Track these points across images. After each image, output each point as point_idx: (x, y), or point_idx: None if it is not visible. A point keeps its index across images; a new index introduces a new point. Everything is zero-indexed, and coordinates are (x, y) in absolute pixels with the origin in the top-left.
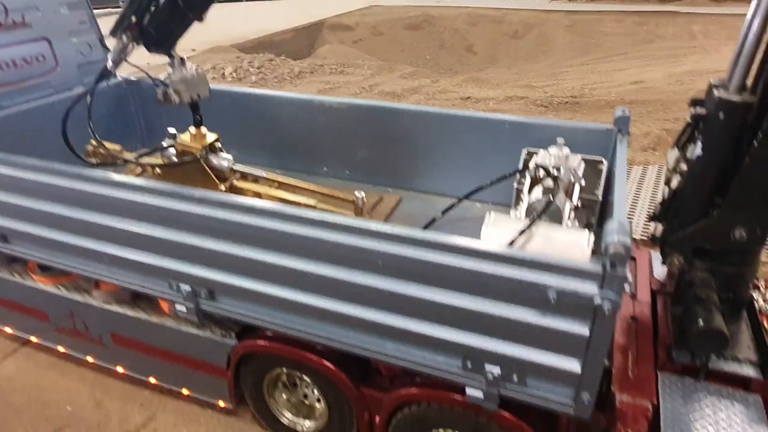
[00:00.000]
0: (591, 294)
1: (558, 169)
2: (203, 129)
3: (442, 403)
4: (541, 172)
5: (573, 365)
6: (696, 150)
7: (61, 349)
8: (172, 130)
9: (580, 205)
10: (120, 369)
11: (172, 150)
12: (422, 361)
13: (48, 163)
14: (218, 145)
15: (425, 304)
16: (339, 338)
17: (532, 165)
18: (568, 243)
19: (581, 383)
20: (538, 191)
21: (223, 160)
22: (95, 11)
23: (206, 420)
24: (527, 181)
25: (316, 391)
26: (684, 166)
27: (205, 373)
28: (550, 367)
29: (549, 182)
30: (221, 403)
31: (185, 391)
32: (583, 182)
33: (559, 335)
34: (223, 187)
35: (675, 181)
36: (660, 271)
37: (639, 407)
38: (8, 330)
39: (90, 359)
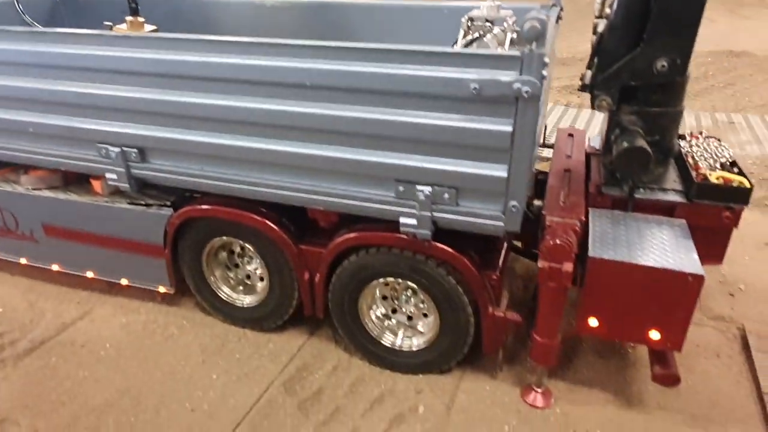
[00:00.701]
0: (511, 80)
1: (491, 22)
2: (140, 18)
3: (380, 246)
4: (474, 24)
5: (499, 171)
6: None
7: None
8: (108, 22)
9: None
10: (55, 267)
11: None
12: (357, 195)
13: None
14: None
15: (356, 125)
16: (275, 184)
17: (464, 19)
18: None
19: (509, 190)
20: (469, 37)
21: None
22: None
23: (146, 310)
24: (460, 35)
25: (258, 270)
26: (609, 10)
27: (143, 255)
28: (477, 175)
29: (479, 23)
30: (161, 289)
31: (124, 281)
32: (515, 35)
33: (484, 136)
34: None
35: (601, 26)
36: (595, 142)
37: (567, 223)
38: None
39: (23, 261)
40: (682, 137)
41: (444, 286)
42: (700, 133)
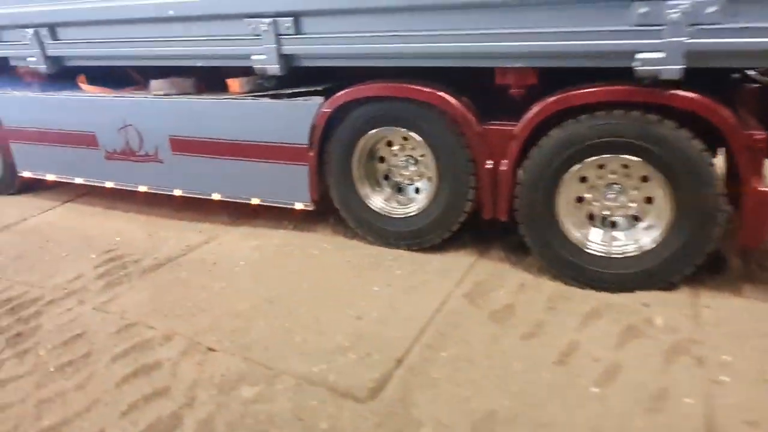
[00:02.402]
0: None
1: None
2: None
3: (598, 106)
4: None
5: None
6: None
7: (110, 184)
8: None
9: None
10: (178, 192)
11: None
12: (575, 32)
13: None
14: None
15: None
16: (463, 36)
17: None
18: None
19: None
20: None
21: None
22: None
23: (278, 236)
24: None
25: (417, 180)
26: None
27: (282, 162)
28: None
29: None
30: (299, 205)
31: (255, 201)
32: None
33: None
34: None
35: None
36: None
37: None
38: (50, 177)
39: (143, 188)
40: None
41: (686, 154)
42: None
